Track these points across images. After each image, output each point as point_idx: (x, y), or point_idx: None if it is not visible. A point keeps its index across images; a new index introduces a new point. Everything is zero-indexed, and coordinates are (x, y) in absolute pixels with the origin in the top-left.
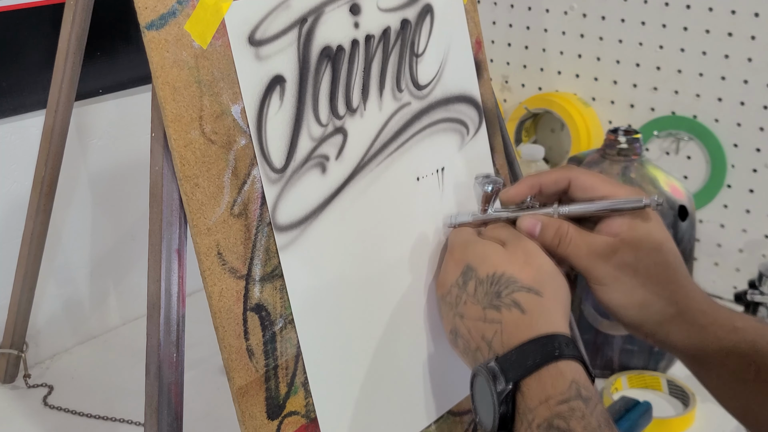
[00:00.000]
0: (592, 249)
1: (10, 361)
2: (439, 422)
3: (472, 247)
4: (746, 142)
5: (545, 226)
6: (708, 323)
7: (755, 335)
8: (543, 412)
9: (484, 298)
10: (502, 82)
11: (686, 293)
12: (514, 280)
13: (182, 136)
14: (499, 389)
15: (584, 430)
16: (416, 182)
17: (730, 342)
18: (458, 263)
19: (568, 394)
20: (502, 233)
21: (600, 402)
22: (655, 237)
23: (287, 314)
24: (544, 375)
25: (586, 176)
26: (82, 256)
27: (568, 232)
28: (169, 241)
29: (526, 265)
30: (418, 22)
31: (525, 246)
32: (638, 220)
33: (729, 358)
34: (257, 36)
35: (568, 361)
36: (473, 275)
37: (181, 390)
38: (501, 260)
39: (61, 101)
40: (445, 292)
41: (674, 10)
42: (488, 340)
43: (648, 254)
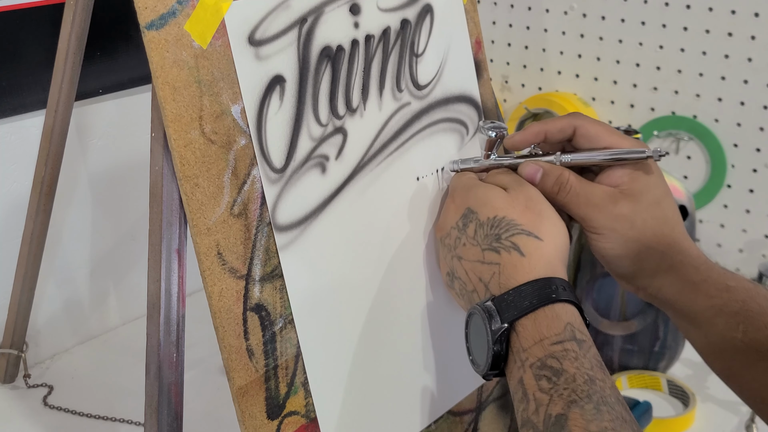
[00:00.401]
0: (591, 198)
1: (10, 361)
2: (439, 422)
3: (474, 191)
4: (746, 142)
5: (546, 173)
6: (700, 280)
7: (746, 296)
8: (537, 352)
9: (483, 241)
10: (502, 82)
11: (681, 248)
12: (515, 223)
13: (182, 136)
14: (494, 328)
15: (577, 371)
16: (416, 182)
17: (721, 300)
18: (459, 206)
19: (563, 336)
20: (504, 179)
21: (593, 345)
22: (654, 190)
23: (287, 314)
24: (539, 316)
25: (592, 125)
26: (82, 256)
27: (569, 180)
28: (169, 241)
29: (527, 210)
30: (418, 22)
31: (527, 191)
32: (640, 172)
33: (718, 317)
34: (257, 36)
35: (564, 304)
36: (474, 218)
37: (181, 390)
38: (502, 204)
39: (61, 101)
40: (444, 235)
41: (674, 10)
42: (486, 281)
43: (646, 207)
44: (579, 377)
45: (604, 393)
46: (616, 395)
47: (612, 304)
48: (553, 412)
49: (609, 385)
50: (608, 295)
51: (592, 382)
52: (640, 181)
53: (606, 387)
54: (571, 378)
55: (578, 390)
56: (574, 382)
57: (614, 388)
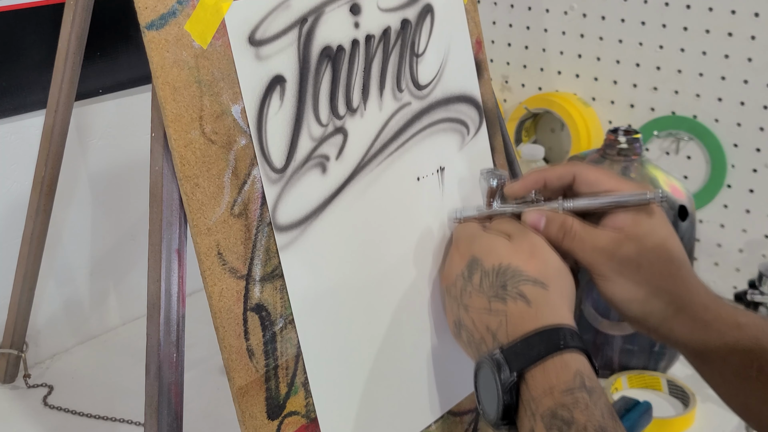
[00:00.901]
0: (596, 243)
1: (10, 361)
2: (439, 422)
3: (478, 240)
4: (746, 142)
5: (550, 220)
6: (711, 319)
7: (758, 332)
8: (547, 402)
9: (489, 290)
10: (502, 82)
11: (689, 288)
12: (520, 272)
13: (182, 136)
14: (503, 379)
15: (588, 421)
16: (416, 182)
17: (733, 338)
18: (464, 255)
19: (573, 385)
20: (507, 227)
21: (604, 394)
22: (659, 232)
23: (287, 314)
24: (548, 366)
25: (591, 171)
26: (82, 256)
27: (573, 227)
28: (169, 241)
29: (532, 258)
30: (418, 22)
31: (531, 239)
32: (642, 215)
33: (732, 355)
34: (257, 36)
35: (573, 353)
36: (479, 267)
37: (181, 390)
38: (507, 252)
39: (61, 101)
40: (450, 284)
41: (674, 10)
42: (493, 331)
43: (652, 249)
44: (590, 427)
45: None
46: None
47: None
48: None
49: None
50: None
51: (603, 431)
52: (643, 224)
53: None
54: (582, 428)
55: None
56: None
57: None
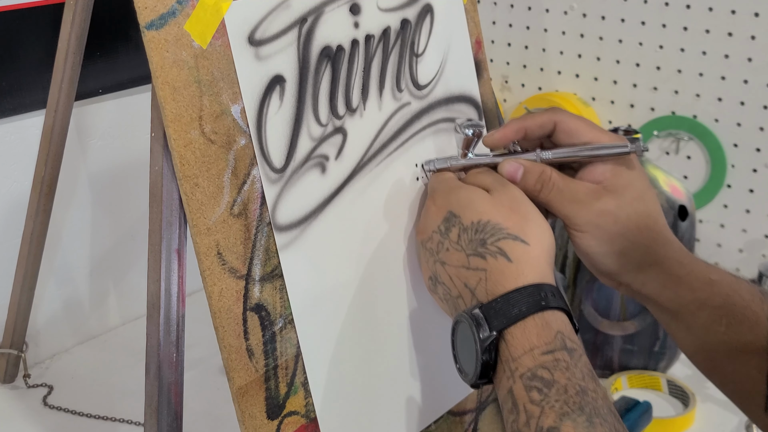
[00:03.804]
0: (574, 195)
1: (10, 361)
2: (439, 422)
3: (455, 193)
4: (746, 142)
5: (527, 171)
6: (684, 274)
7: (729, 289)
8: (527, 362)
9: (468, 246)
10: (502, 82)
11: (664, 243)
12: (500, 227)
13: (182, 136)
14: (482, 337)
15: (568, 381)
16: (416, 182)
17: (704, 293)
18: (440, 209)
19: (554, 345)
20: (485, 179)
21: (584, 354)
22: (637, 185)
23: (287, 314)
24: (529, 324)
25: (572, 120)
26: (82, 256)
27: (551, 178)
28: (169, 241)
29: (512, 213)
30: (418, 22)
31: (511, 193)
32: (622, 168)
33: (701, 310)
34: (257, 36)
35: (554, 311)
36: (457, 222)
37: (181, 390)
38: (486, 207)
39: (60, 101)
40: (426, 238)
41: (674, 10)
42: (472, 287)
43: (630, 202)
44: (570, 388)
45: (597, 404)
46: (609, 406)
47: (612, 304)
48: (544, 424)
49: (601, 395)
50: (608, 295)
51: (584, 393)
52: (622, 176)
53: (598, 398)
54: (562, 389)
55: (570, 402)
56: (565, 394)
57: (606, 398)
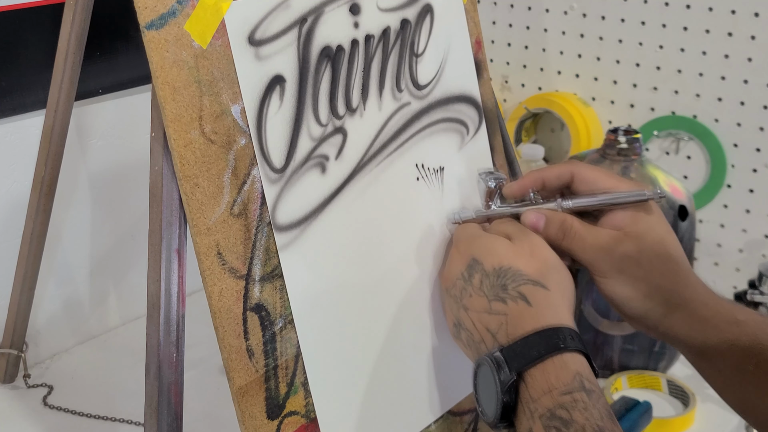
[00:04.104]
0: (596, 242)
1: (10, 361)
2: (439, 422)
3: (478, 241)
4: (746, 142)
5: (549, 220)
6: (710, 315)
7: (756, 328)
8: (546, 403)
9: (490, 291)
10: (502, 82)
11: (688, 285)
12: (521, 273)
13: (182, 136)
14: (503, 378)
15: (587, 422)
16: (416, 182)
17: (732, 334)
18: (464, 256)
19: (572, 386)
20: (507, 228)
21: (602, 395)
22: (657, 230)
23: (287, 314)
24: (548, 366)
25: (589, 170)
26: (82, 256)
27: (573, 226)
28: (169, 241)
29: (532, 259)
30: (418, 22)
31: (531, 240)
32: (641, 213)
33: (730, 351)
34: (257, 36)
35: (573, 354)
36: (479, 268)
37: (181, 390)
38: (507, 253)
39: (60, 101)
40: (450, 285)
41: (674, 10)
42: (493, 331)
43: (651, 247)
44: (588, 428)
45: None
46: None
47: None
48: None
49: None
50: None
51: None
52: (642, 222)
53: None
54: (580, 429)
55: None
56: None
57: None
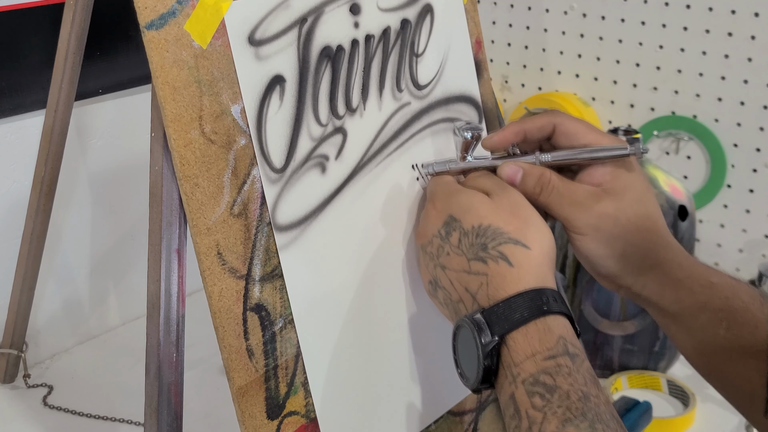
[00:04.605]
0: (574, 198)
1: (9, 361)
2: (439, 422)
3: (456, 197)
4: (746, 142)
5: (527, 174)
6: (684, 277)
7: (729, 292)
8: (529, 367)
9: (469, 250)
10: (502, 82)
11: (664, 245)
12: (501, 232)
13: (182, 136)
14: (484, 342)
15: (571, 387)
16: (416, 182)
17: (704, 296)
18: (440, 213)
19: (556, 350)
20: (485, 182)
21: (586, 359)
22: (637, 187)
23: (287, 314)
24: (531, 330)
25: (571, 122)
26: (82, 256)
27: (551, 180)
28: (169, 241)
29: (513, 217)
30: (418, 22)
31: (511, 196)
32: (621, 170)
33: (701, 313)
34: (257, 36)
35: (556, 316)
36: (457, 226)
37: (181, 390)
38: (487, 211)
39: (60, 101)
40: (426, 242)
41: (674, 10)
42: (473, 292)
43: (629, 205)
44: (573, 394)
45: (599, 410)
46: (611, 411)
47: (612, 304)
48: (547, 430)
49: (603, 401)
50: (608, 295)
51: (587, 398)
52: (622, 178)
53: (600, 403)
54: (564, 395)
55: (572, 407)
56: (568, 399)
57: (608, 403)
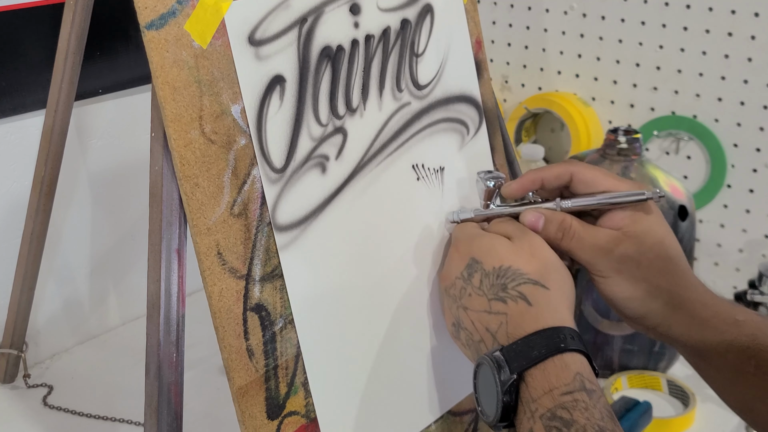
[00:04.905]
0: (595, 242)
1: (9, 361)
2: (439, 422)
3: (478, 241)
4: (746, 142)
5: (548, 220)
6: (709, 316)
7: (755, 329)
8: (546, 403)
9: (489, 291)
10: (502, 82)
11: (687, 286)
12: (521, 272)
13: (182, 136)
14: (503, 379)
15: (587, 422)
16: (416, 182)
17: (731, 335)
18: (463, 256)
19: (573, 386)
20: (507, 227)
21: (603, 396)
22: (657, 230)
23: (287, 314)
24: (549, 366)
25: (588, 170)
26: (82, 256)
27: (572, 226)
28: (169, 241)
29: (532, 258)
30: (418, 21)
31: (530, 239)
32: (640, 213)
33: (729, 351)
34: (257, 36)
35: (573, 354)
36: (479, 268)
37: (181, 390)
38: (507, 253)
39: (60, 101)
40: (449, 285)
41: (674, 10)
42: (493, 331)
43: (650, 247)
44: (590, 428)
45: None
46: None
47: None
48: None
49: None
50: None
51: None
52: (641, 222)
53: None
54: (581, 429)
55: None
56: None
57: None
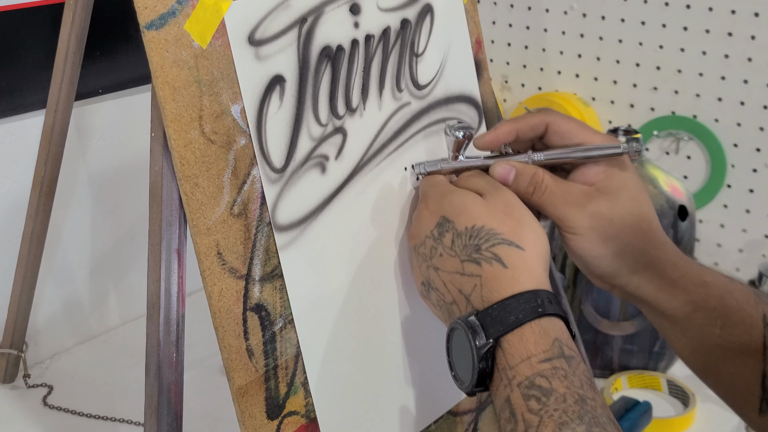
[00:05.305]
0: (567, 197)
1: (9, 361)
2: (439, 422)
3: (449, 198)
4: (746, 142)
5: (519, 173)
6: (678, 276)
7: (723, 291)
8: (524, 370)
9: (462, 251)
10: (502, 82)
11: (658, 245)
12: (495, 232)
13: (182, 136)
14: (479, 344)
15: (567, 390)
16: (416, 182)
17: (698, 296)
18: (433, 214)
19: (551, 353)
20: (478, 182)
21: (582, 361)
22: (631, 186)
23: (287, 314)
24: (526, 332)
25: (564, 121)
26: (82, 256)
27: (544, 180)
28: (169, 241)
29: (506, 217)
30: (418, 21)
31: (504, 197)
32: (615, 169)
33: (696, 313)
34: (257, 36)
35: (551, 318)
36: (450, 227)
37: (180, 390)
38: (480, 212)
39: (60, 101)
40: (419, 243)
41: (674, 10)
42: (467, 294)
43: (623, 204)
44: (569, 397)
45: (596, 413)
46: (608, 414)
47: (612, 304)
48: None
49: (600, 403)
50: (608, 295)
51: (583, 401)
52: (615, 177)
53: (597, 406)
54: (561, 398)
55: (569, 411)
56: (564, 402)
57: (605, 406)
